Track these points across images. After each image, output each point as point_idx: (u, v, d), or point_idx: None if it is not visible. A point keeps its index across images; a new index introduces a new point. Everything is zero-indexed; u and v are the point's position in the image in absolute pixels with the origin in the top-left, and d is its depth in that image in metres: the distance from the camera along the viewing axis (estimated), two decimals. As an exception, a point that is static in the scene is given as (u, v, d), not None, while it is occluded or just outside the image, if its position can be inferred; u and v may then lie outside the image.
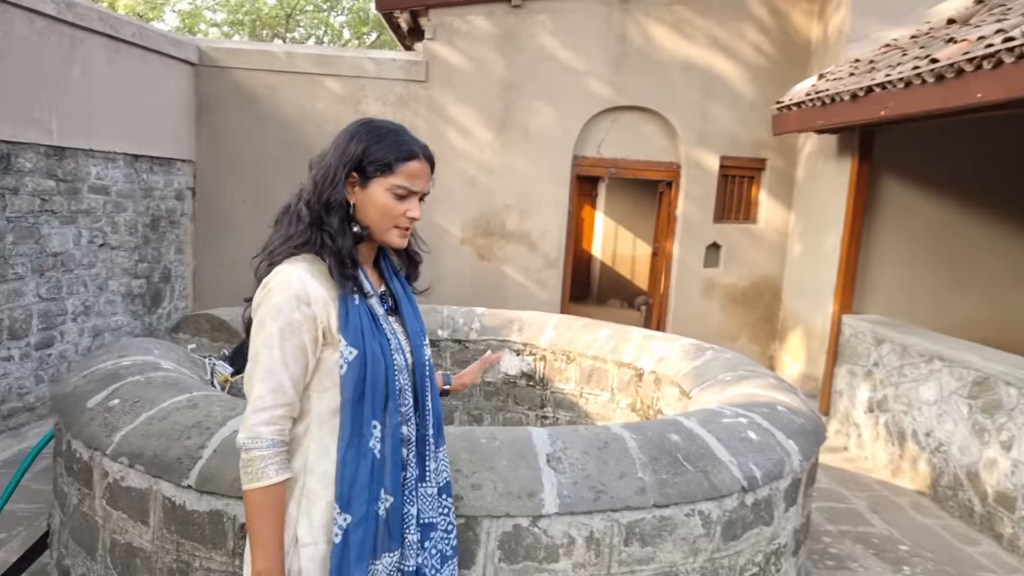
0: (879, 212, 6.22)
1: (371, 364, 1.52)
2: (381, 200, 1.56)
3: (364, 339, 1.52)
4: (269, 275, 1.52)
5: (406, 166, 1.56)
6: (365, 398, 1.52)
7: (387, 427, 1.54)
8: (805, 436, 2.68)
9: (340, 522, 1.50)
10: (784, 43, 7.17)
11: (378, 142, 1.56)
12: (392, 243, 1.61)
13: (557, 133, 7.09)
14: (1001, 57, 3.73)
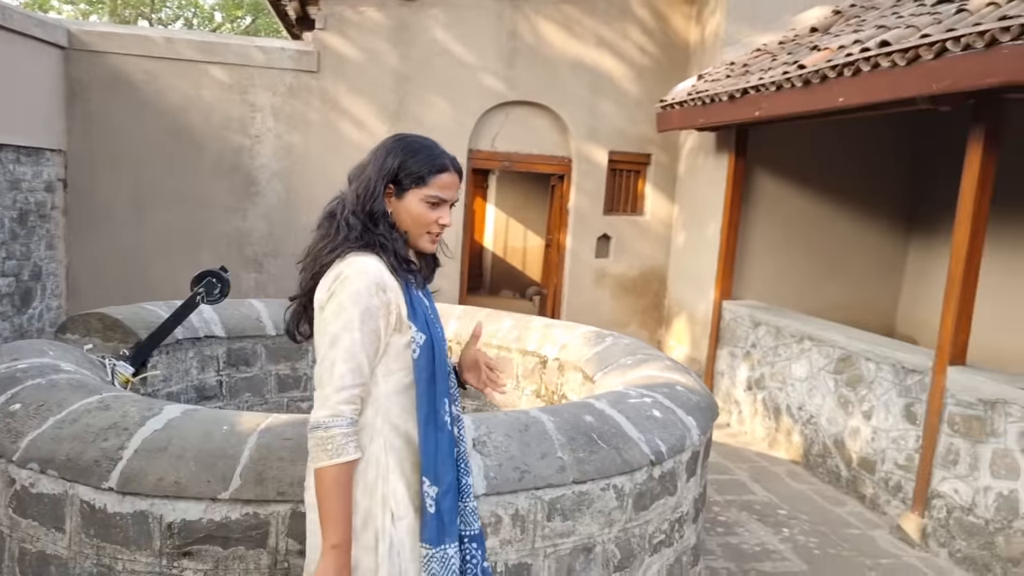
0: (754, 204, 6.70)
1: (438, 348, 1.68)
2: (415, 209, 1.69)
3: (429, 326, 1.67)
4: (341, 265, 1.61)
5: (438, 178, 1.70)
6: (436, 379, 1.67)
7: (449, 404, 1.71)
8: (701, 412, 2.92)
9: (431, 493, 1.63)
10: (665, 44, 7.56)
11: (412, 156, 1.70)
12: (423, 247, 1.74)
13: (452, 126, 7.16)
14: (859, 66, 4.14)
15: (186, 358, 4.02)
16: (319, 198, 7.12)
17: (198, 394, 4.07)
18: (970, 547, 3.87)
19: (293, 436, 2.18)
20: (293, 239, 6.95)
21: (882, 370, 4.62)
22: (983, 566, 3.79)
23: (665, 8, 7.51)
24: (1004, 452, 3.71)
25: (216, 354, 4.18)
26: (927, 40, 3.57)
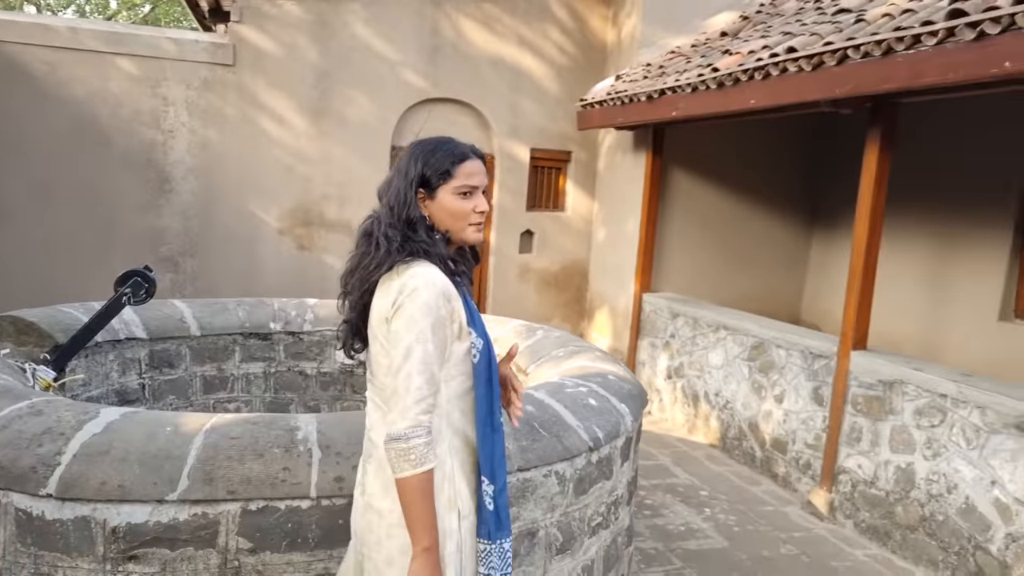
0: (671, 201, 6.98)
1: (493, 352, 1.75)
2: (450, 204, 1.71)
3: (484, 331, 1.74)
4: (405, 276, 1.64)
5: (462, 167, 1.71)
6: (493, 382, 1.73)
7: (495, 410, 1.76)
8: (633, 399, 3.06)
9: (489, 491, 1.71)
10: (584, 45, 7.74)
11: (432, 154, 1.72)
12: (470, 239, 1.75)
13: (375, 123, 7.12)
14: (769, 70, 4.40)
15: (106, 361, 3.89)
16: (238, 195, 7.01)
17: (119, 398, 3.94)
18: (873, 517, 4.19)
19: (240, 435, 2.18)
20: (211, 237, 6.76)
21: (792, 356, 4.92)
22: (884, 534, 4.11)
23: (583, 9, 7.69)
24: (901, 428, 4.04)
25: (138, 356, 4.06)
26: (830, 47, 3.84)
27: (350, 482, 2.13)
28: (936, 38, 3.21)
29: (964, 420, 3.66)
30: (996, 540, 3.47)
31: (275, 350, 4.53)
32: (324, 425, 2.26)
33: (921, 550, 3.88)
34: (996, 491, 3.49)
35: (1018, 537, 3.37)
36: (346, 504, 2.14)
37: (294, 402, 4.60)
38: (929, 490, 3.85)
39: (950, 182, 5.82)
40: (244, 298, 4.72)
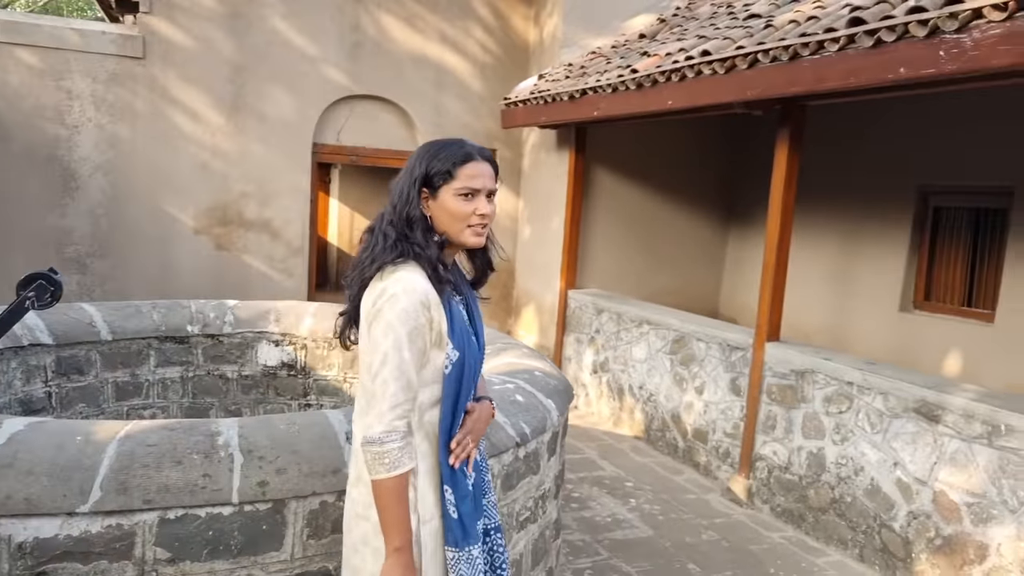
0: (595, 199, 7.10)
1: (468, 364, 1.74)
2: (450, 205, 1.70)
3: (464, 342, 1.73)
4: (388, 281, 1.65)
5: (464, 168, 1.70)
6: (460, 394, 1.73)
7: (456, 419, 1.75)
8: (559, 395, 3.11)
9: (451, 499, 1.73)
10: (507, 43, 7.79)
11: (437, 155, 1.72)
12: (469, 243, 1.74)
13: (295, 119, 6.98)
14: (685, 72, 4.53)
15: (8, 369, 3.68)
16: (151, 193, 6.74)
17: (23, 408, 3.74)
18: (788, 501, 4.38)
19: (157, 442, 2.11)
20: (122, 237, 6.49)
21: (711, 349, 5.09)
22: (798, 517, 4.31)
23: (505, 8, 7.73)
24: (812, 415, 4.24)
25: (43, 363, 3.86)
26: (742, 51, 3.99)
27: (274, 486, 2.10)
28: (838, 44, 3.37)
29: (869, 406, 3.87)
30: (899, 518, 3.69)
31: (193, 353, 4.39)
32: (246, 429, 2.21)
33: (832, 530, 4.09)
34: (898, 472, 3.70)
35: (918, 514, 3.59)
36: (270, 509, 2.10)
37: (214, 407, 4.46)
38: (838, 473, 4.05)
39: (856, 181, 6.14)
40: (159, 300, 4.56)
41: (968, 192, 5.44)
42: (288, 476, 2.14)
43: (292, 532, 2.15)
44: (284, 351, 4.52)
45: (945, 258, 5.68)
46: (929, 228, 5.75)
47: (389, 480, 1.60)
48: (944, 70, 2.90)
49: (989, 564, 3.25)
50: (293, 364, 4.56)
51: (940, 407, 3.48)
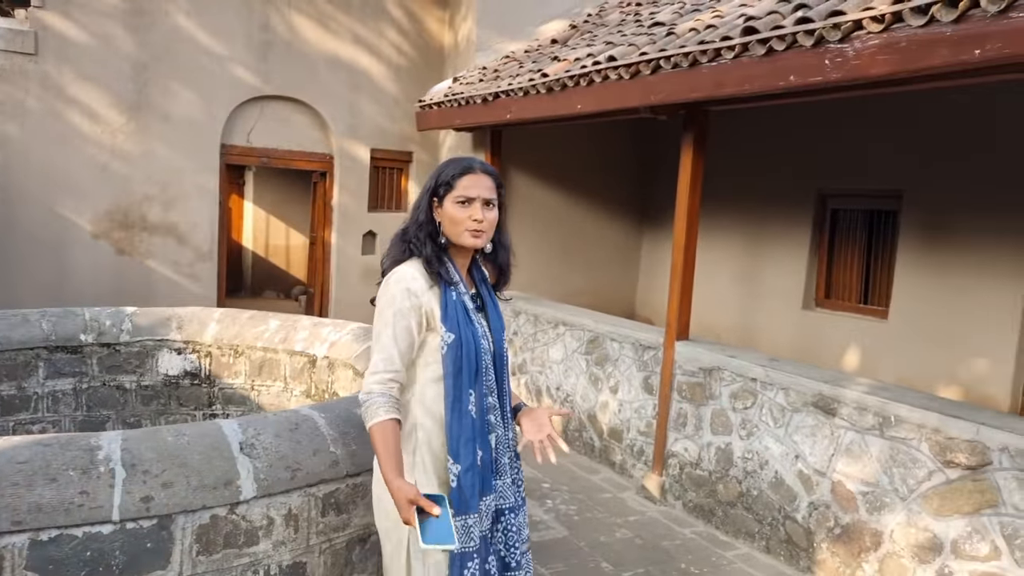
0: (512, 201, 7.11)
1: (466, 346, 1.98)
2: (450, 211, 2.00)
3: (460, 327, 1.98)
4: (390, 273, 2.02)
5: (461, 180, 2.00)
6: (462, 372, 1.97)
7: (477, 395, 1.99)
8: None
9: (453, 470, 1.94)
10: (421, 46, 7.74)
11: (443, 170, 2.05)
12: (466, 243, 2.02)
13: (203, 119, 6.74)
14: (592, 77, 4.60)
15: None
16: (43, 195, 6.38)
17: None
18: (699, 497, 4.49)
19: (29, 458, 1.98)
20: (10, 242, 6.11)
21: (624, 348, 5.18)
22: (709, 511, 4.42)
23: (419, 11, 7.68)
24: (720, 411, 4.36)
25: (-83, 379, 3.60)
26: (645, 58, 4.08)
27: (159, 501, 2.00)
28: (734, 52, 3.49)
29: (771, 401, 4.01)
30: (801, 509, 3.83)
31: (87, 364, 4.16)
32: (130, 442, 2.11)
33: (740, 524, 4.21)
34: (800, 464, 3.85)
35: (819, 505, 3.74)
36: (155, 526, 2.01)
37: (111, 420, 4.25)
38: (745, 467, 4.18)
39: (760, 184, 6.37)
40: (48, 308, 4.31)
41: (862, 195, 5.72)
42: (175, 490, 2.05)
43: (180, 549, 2.06)
44: (187, 359, 4.35)
45: (843, 258, 5.95)
46: (828, 229, 6.01)
47: (372, 428, 1.90)
48: (830, 78, 3.04)
49: (883, 550, 3.41)
50: (197, 373, 4.39)
51: (836, 400, 3.64)
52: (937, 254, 5.05)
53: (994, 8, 2.39)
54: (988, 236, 4.74)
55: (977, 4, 2.44)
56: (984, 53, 2.44)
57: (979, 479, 2.97)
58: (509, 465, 2.10)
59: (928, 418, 3.17)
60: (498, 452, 2.06)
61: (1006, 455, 2.87)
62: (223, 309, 4.71)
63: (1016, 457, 2.83)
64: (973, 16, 2.48)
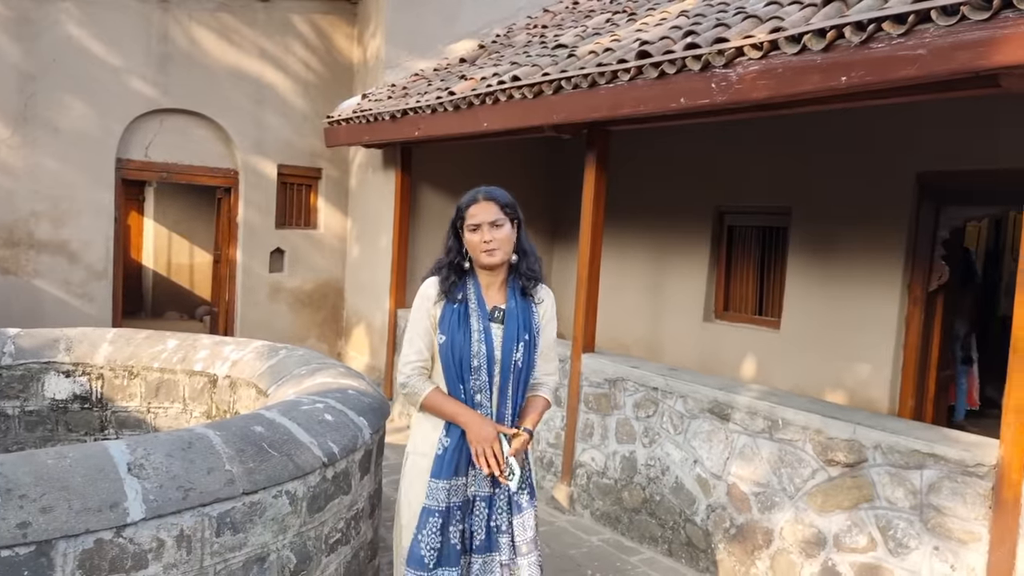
0: (423, 218, 7.14)
1: (454, 348, 2.39)
2: (467, 237, 2.44)
3: (451, 332, 2.39)
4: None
5: (469, 210, 2.45)
6: (451, 366, 2.39)
7: (465, 390, 2.39)
8: (373, 412, 3.08)
9: (444, 442, 2.39)
10: (330, 62, 7.69)
11: (459, 204, 2.50)
12: (483, 262, 2.42)
13: (97, 133, 6.47)
14: (497, 96, 4.70)
15: None
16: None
17: None
18: (605, 505, 4.60)
19: None
20: None
21: (533, 362, 5.25)
22: (615, 519, 4.53)
23: (327, 27, 7.63)
24: (624, 421, 4.49)
25: None
26: (547, 78, 4.20)
27: (38, 527, 1.91)
28: (629, 75, 3.65)
29: (671, 409, 4.16)
30: (700, 512, 3.98)
31: (-35, 390, 3.92)
32: (5, 466, 2.00)
33: (644, 529, 4.33)
34: (698, 469, 4.00)
35: (716, 507, 3.89)
36: (33, 553, 1.92)
37: (-8, 449, 4.00)
38: (648, 474, 4.31)
39: (663, 200, 6.60)
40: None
41: (755, 212, 6.02)
42: (55, 515, 1.96)
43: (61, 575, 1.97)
44: (76, 382, 4.15)
45: (740, 272, 6.24)
46: (725, 245, 6.29)
47: (424, 402, 2.41)
48: (716, 101, 3.22)
49: (774, 547, 3.58)
50: (87, 396, 4.19)
51: (730, 406, 3.82)
52: (823, 267, 5.37)
53: (856, 39, 2.61)
54: (868, 249, 5.09)
55: (842, 35, 2.66)
56: (850, 80, 2.65)
57: (857, 475, 3.17)
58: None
59: (811, 420, 3.38)
60: None
61: (879, 452, 3.08)
62: (117, 329, 4.53)
63: (888, 453, 3.05)
64: (840, 46, 2.69)
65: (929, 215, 4.75)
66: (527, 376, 2.47)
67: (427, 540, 2.36)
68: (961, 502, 2.80)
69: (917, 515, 2.95)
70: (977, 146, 4.46)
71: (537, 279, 2.52)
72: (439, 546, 2.36)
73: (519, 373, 2.43)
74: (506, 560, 2.42)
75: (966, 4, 2.30)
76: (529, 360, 2.45)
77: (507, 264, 2.47)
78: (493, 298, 2.46)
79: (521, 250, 2.50)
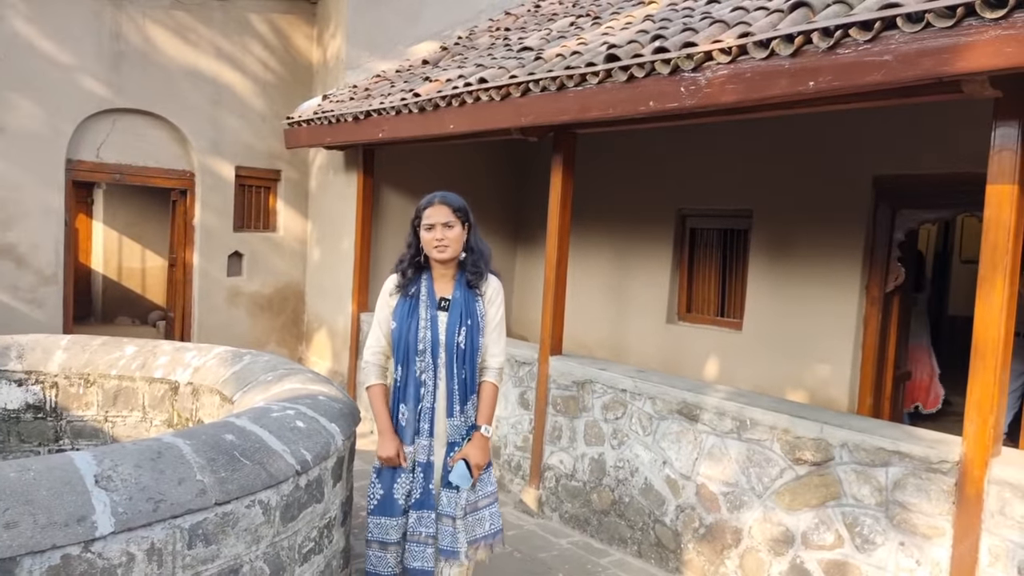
0: (386, 220, 7.06)
1: (403, 333, 2.80)
2: (422, 235, 2.81)
3: (400, 320, 2.81)
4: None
5: (426, 211, 2.81)
6: (399, 351, 2.81)
7: (410, 370, 2.79)
8: (344, 418, 3.03)
9: (402, 410, 2.84)
10: (289, 62, 7.56)
11: (419, 205, 2.87)
12: (435, 257, 2.79)
13: (45, 132, 6.25)
14: (464, 98, 4.68)
15: None
16: None
17: None
18: (574, 507, 4.61)
19: None
20: None
21: (500, 365, 5.24)
22: (584, 521, 4.54)
23: (285, 26, 7.51)
24: (593, 423, 4.50)
25: None
26: (515, 80, 4.20)
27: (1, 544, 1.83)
28: (598, 78, 3.67)
29: (640, 410, 4.19)
30: (669, 512, 4.02)
31: (-92, 401, 3.74)
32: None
33: (614, 531, 4.35)
34: (667, 470, 4.04)
35: (685, 507, 3.93)
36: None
37: (-62, 462, 3.82)
38: (617, 476, 4.33)
39: (626, 203, 6.66)
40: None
41: (716, 215, 6.12)
42: (20, 530, 1.88)
43: (27, 594, 1.89)
44: (29, 391, 3.99)
45: (702, 274, 6.33)
46: (688, 247, 6.38)
47: (367, 390, 2.89)
48: (685, 104, 3.25)
49: (743, 546, 3.63)
50: (41, 406, 4.04)
51: (698, 407, 3.86)
52: (783, 269, 5.48)
53: (824, 45, 2.66)
54: (827, 251, 5.21)
55: (810, 41, 2.71)
56: (817, 84, 2.71)
57: (824, 474, 3.24)
58: (430, 431, 2.79)
59: (779, 420, 3.43)
60: (420, 417, 2.79)
61: (846, 450, 3.15)
62: (71, 336, 4.38)
63: (854, 451, 3.12)
64: (807, 51, 2.74)
65: (885, 218, 4.88)
66: (472, 356, 2.81)
67: (374, 491, 2.87)
68: (926, 498, 2.87)
69: (883, 512, 3.02)
70: (933, 150, 4.60)
71: (481, 274, 2.85)
72: (381, 496, 2.83)
73: (463, 354, 2.79)
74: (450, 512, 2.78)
75: (931, 12, 2.37)
76: (472, 342, 2.80)
77: (456, 260, 2.83)
78: (442, 290, 2.83)
79: (469, 248, 2.85)
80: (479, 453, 2.77)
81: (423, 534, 2.79)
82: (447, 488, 2.78)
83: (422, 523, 2.79)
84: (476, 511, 2.84)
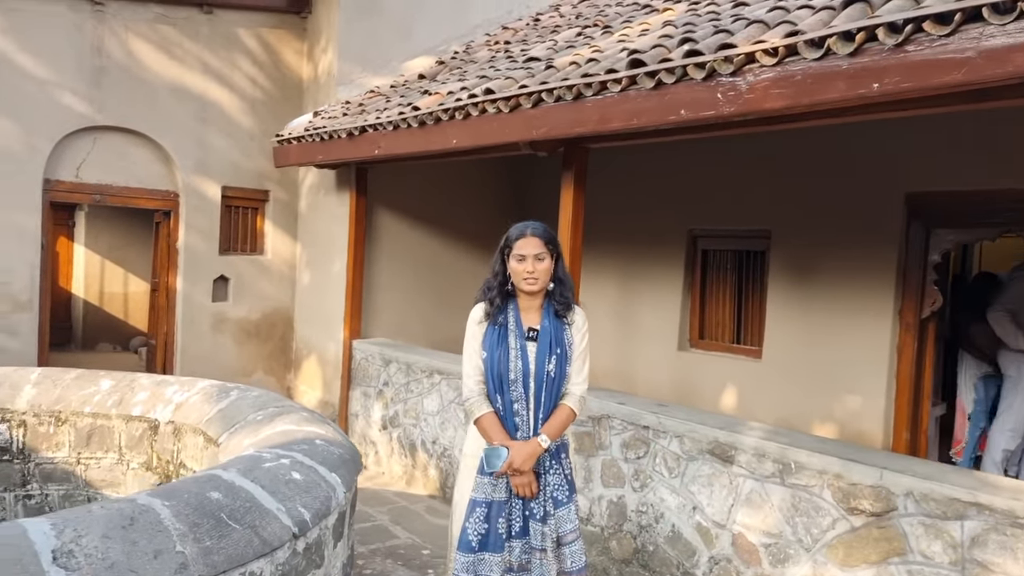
0: (379, 241, 6.73)
1: (494, 363, 2.78)
2: (512, 265, 2.80)
3: (491, 349, 2.80)
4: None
5: (517, 243, 2.78)
6: (493, 378, 2.78)
7: (504, 400, 2.78)
8: (345, 466, 2.67)
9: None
10: (278, 78, 7.26)
11: (508, 235, 2.83)
12: (524, 288, 2.79)
13: (21, 151, 5.89)
14: (468, 110, 4.37)
15: None
16: None
17: None
18: (591, 555, 4.21)
19: None
20: None
21: (506, 397, 4.88)
22: (602, 571, 4.16)
23: (275, 42, 7.21)
24: (611, 462, 4.14)
25: None
26: (526, 90, 3.89)
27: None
28: (620, 85, 3.36)
29: (665, 450, 3.84)
30: (701, 564, 3.65)
31: None
32: None
33: (635, 579, 3.98)
34: (697, 516, 3.67)
35: (719, 559, 3.57)
36: None
37: None
38: (640, 521, 3.97)
39: (634, 223, 6.35)
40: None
41: (731, 236, 5.81)
42: (-48, 629, 1.51)
43: None
44: (-8, 433, 3.59)
45: (715, 298, 6.01)
46: (699, 270, 6.06)
47: (477, 421, 2.80)
48: (723, 112, 2.95)
49: (785, 600, 3.27)
50: (7, 447, 3.66)
51: (733, 447, 3.51)
52: (806, 292, 5.17)
53: (891, 41, 2.37)
54: (854, 274, 4.90)
55: (874, 37, 2.42)
56: (883, 87, 2.41)
57: (884, 526, 2.89)
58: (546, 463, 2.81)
59: (829, 463, 3.09)
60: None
61: (911, 500, 2.81)
62: (42, 369, 4.00)
63: (921, 502, 2.78)
64: (870, 49, 2.45)
65: (919, 238, 4.59)
66: (560, 385, 2.81)
67: (474, 527, 2.73)
68: (1011, 557, 2.53)
69: (958, 571, 2.67)
70: (977, 164, 4.30)
71: (569, 304, 2.87)
72: (485, 532, 2.73)
73: (552, 383, 2.78)
74: (538, 545, 2.74)
75: None
76: (561, 371, 2.80)
77: (544, 290, 2.82)
78: (530, 320, 2.83)
79: (557, 279, 2.85)
80: (522, 456, 2.70)
81: (527, 561, 2.78)
82: (532, 519, 2.76)
83: (524, 551, 2.79)
84: (561, 546, 2.80)
